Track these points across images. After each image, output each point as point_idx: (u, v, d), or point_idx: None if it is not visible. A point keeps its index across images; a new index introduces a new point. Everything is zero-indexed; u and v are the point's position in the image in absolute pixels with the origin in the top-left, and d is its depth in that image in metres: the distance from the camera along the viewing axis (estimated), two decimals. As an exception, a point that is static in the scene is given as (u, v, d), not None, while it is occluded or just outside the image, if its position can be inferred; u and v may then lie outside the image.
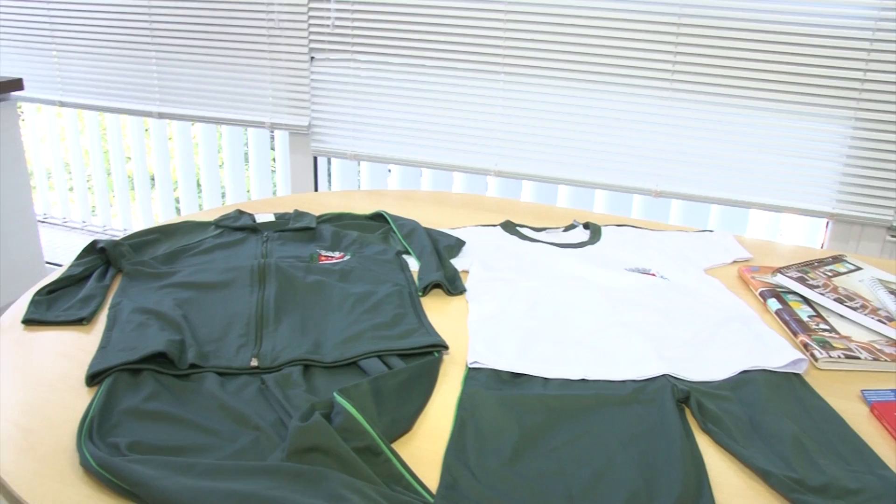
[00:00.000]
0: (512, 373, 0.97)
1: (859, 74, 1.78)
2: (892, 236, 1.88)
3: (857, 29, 1.74)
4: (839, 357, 1.05)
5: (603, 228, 1.44)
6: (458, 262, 1.27)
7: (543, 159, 2.02)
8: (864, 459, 0.86)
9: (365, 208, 1.45)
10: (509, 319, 1.09)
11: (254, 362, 0.97)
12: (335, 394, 0.84)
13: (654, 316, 1.12)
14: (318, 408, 0.83)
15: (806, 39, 1.78)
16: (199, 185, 2.68)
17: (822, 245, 1.97)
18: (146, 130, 2.69)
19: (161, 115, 2.33)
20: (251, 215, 1.40)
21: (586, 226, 1.44)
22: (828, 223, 1.95)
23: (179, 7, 2.19)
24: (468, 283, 1.21)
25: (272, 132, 2.48)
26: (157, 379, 0.92)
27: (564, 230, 1.44)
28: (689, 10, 1.81)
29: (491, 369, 0.97)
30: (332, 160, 2.35)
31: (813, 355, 1.06)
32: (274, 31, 2.11)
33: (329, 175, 2.39)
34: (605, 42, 1.88)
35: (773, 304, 1.20)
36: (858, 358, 1.06)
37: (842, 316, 1.17)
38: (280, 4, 2.07)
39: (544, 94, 1.97)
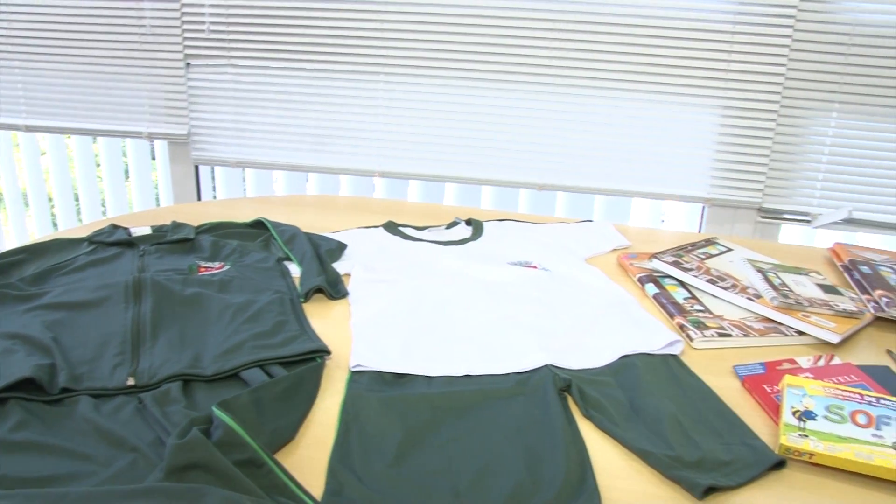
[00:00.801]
0: (395, 373, 0.97)
1: (724, 65, 1.85)
2: (763, 217, 1.97)
3: (720, 22, 1.82)
4: (712, 336, 1.09)
5: (485, 224, 1.46)
6: (340, 266, 1.26)
7: (428, 158, 2.02)
8: (736, 431, 0.90)
9: (251, 216, 1.42)
10: (392, 320, 1.09)
11: (130, 381, 0.94)
12: (214, 407, 0.82)
13: (535, 308, 1.14)
14: (197, 423, 0.80)
15: (675, 32, 1.84)
16: (77, 199, 2.58)
17: (700, 229, 2.05)
18: (17, 145, 2.57)
19: (29, 129, 2.22)
20: (126, 229, 1.35)
21: (468, 222, 1.45)
22: (703, 208, 2.02)
23: (42, 12, 2.09)
24: (350, 286, 1.20)
25: (152, 142, 2.40)
26: (25, 407, 0.88)
27: (447, 228, 1.44)
28: (564, 6, 1.84)
29: (374, 371, 0.97)
30: (217, 169, 2.30)
31: (688, 336, 1.10)
32: (147, 38, 2.04)
33: (213, 184, 2.33)
34: (482, 38, 1.90)
35: (651, 288, 1.23)
36: (730, 335, 1.10)
37: (714, 296, 1.21)
38: (151, 10, 2.01)
39: (426, 92, 1.97)
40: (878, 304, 1.22)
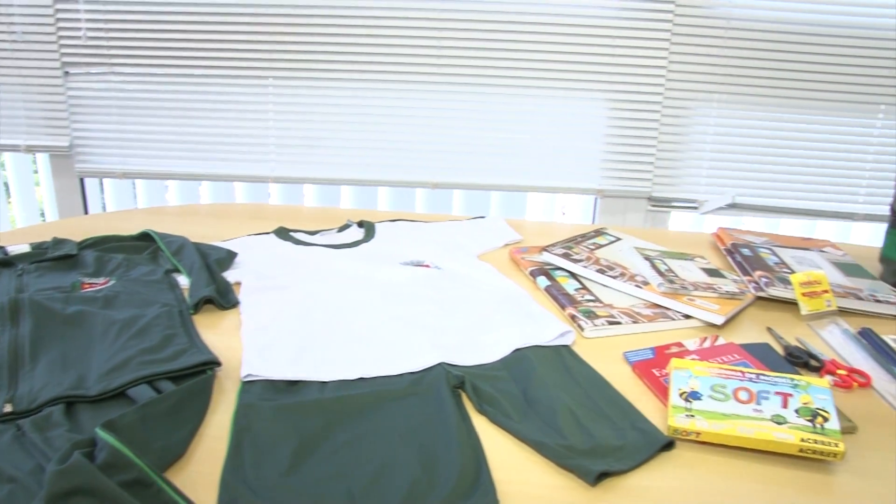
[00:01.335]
0: (288, 381, 0.95)
1: (608, 59, 1.90)
2: (653, 206, 2.03)
3: (603, 18, 1.86)
4: (603, 324, 1.12)
5: (377, 225, 1.45)
6: (230, 275, 1.24)
7: (322, 162, 2.01)
8: (627, 417, 0.92)
9: (142, 228, 1.37)
10: (283, 327, 1.07)
11: (7, 408, 0.89)
12: (97, 429, 0.79)
13: (428, 307, 1.14)
14: (79, 446, 0.77)
15: (560, 28, 1.87)
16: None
17: (593, 220, 2.09)
18: None
19: None
20: (2, 248, 1.29)
21: (360, 224, 1.45)
22: (596, 199, 2.06)
23: None
24: (241, 294, 1.18)
25: (33, 155, 2.31)
26: None
27: (339, 231, 1.43)
28: (452, 5, 1.85)
29: (266, 380, 0.95)
30: (105, 180, 2.22)
31: (580, 326, 1.12)
32: (18, 45, 1.96)
33: (102, 197, 2.25)
34: (370, 39, 1.89)
35: (543, 281, 1.25)
36: (620, 323, 1.13)
37: (604, 285, 1.24)
38: (22, 15, 1.93)
39: (316, 95, 1.95)
40: (758, 285, 1.27)
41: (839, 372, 1.07)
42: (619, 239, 1.41)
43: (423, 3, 1.86)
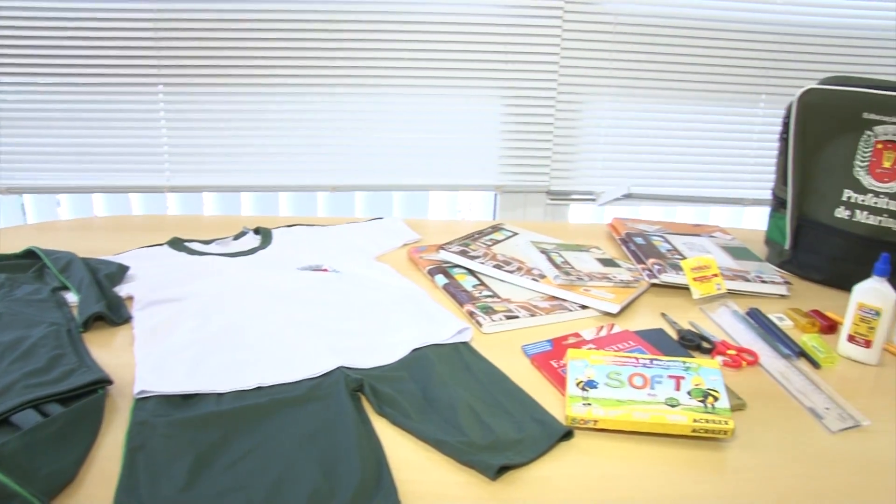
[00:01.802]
0: (183, 395, 0.93)
1: (501, 57, 1.91)
2: (552, 200, 2.06)
3: (495, 16, 1.88)
4: (500, 319, 1.13)
5: (274, 231, 1.43)
6: (122, 289, 1.20)
7: (219, 169, 1.97)
8: (526, 410, 0.93)
9: (30, 245, 1.31)
10: (177, 340, 1.05)
11: None
12: (-24, 460, 0.76)
13: (326, 311, 1.13)
14: (-41, 480, 0.74)
15: (453, 27, 1.88)
16: None
17: (494, 217, 2.11)
18: None
19: None
20: None
21: (257, 231, 1.43)
22: (496, 195, 2.09)
23: None
24: (133, 309, 1.15)
25: None
26: None
27: (235, 239, 1.41)
28: (345, 6, 1.84)
29: (160, 395, 0.93)
30: (-11, 198, 2.13)
31: (478, 322, 1.13)
32: None
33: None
34: (263, 42, 1.85)
35: (441, 279, 1.26)
36: (518, 317, 1.14)
37: (502, 280, 1.25)
38: None
39: (210, 101, 1.91)
40: (652, 272, 1.30)
41: (729, 352, 1.11)
42: (516, 234, 1.43)
43: (316, 4, 1.84)
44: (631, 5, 1.93)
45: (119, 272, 1.23)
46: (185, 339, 1.04)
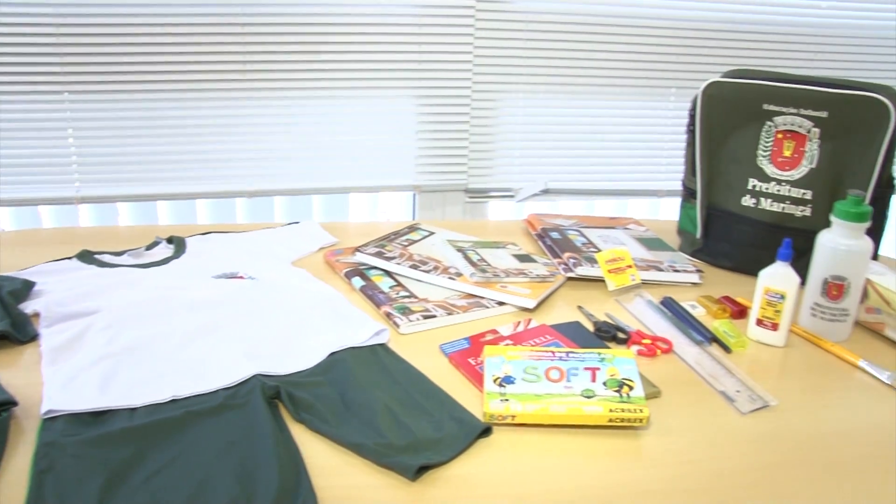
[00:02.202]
0: (94, 412, 0.90)
1: (415, 56, 1.92)
2: (470, 198, 2.07)
3: (407, 15, 1.88)
4: (418, 319, 1.13)
5: (188, 240, 1.40)
6: (27, 306, 1.16)
7: (133, 178, 1.91)
8: (444, 408, 0.93)
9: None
10: (87, 355, 1.01)
11: None
12: None
13: (242, 318, 1.12)
14: None
15: (365, 28, 1.87)
16: None
17: (413, 216, 2.11)
18: None
19: None
20: None
21: (170, 240, 1.39)
22: (414, 195, 2.09)
23: None
24: (40, 326, 1.11)
25: None
26: None
27: (147, 249, 1.38)
28: (255, 9, 1.81)
29: (70, 414, 0.90)
30: None
31: (395, 323, 1.13)
32: None
33: None
34: (173, 48, 1.82)
35: (357, 282, 1.25)
36: (435, 316, 1.14)
37: (419, 280, 1.25)
38: None
39: (119, 108, 1.85)
40: (567, 266, 1.32)
41: (644, 341, 1.13)
42: (432, 233, 1.43)
43: (223, 8, 1.81)
44: (542, 3, 1.96)
45: (24, 288, 1.19)
46: (95, 355, 1.01)
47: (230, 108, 1.89)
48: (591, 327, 1.18)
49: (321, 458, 0.86)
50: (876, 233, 1.32)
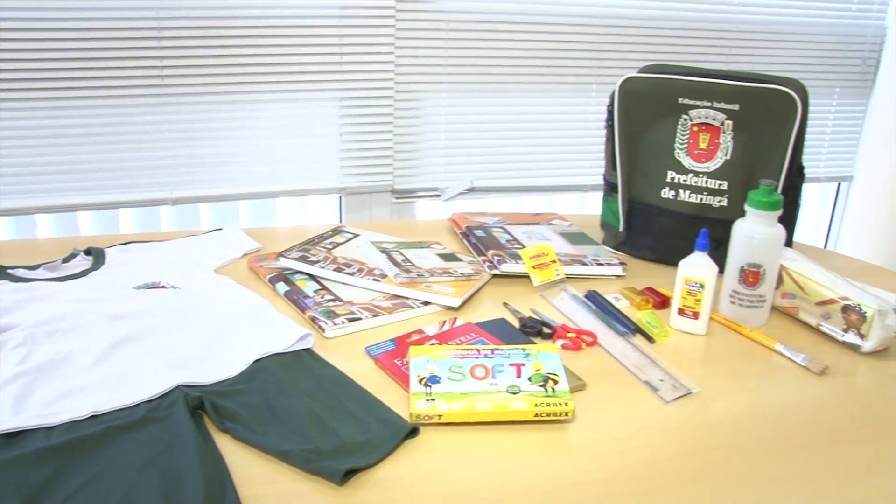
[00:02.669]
0: (7, 434, 0.88)
1: (336, 58, 1.90)
2: (397, 198, 2.07)
3: (327, 17, 1.87)
4: (343, 322, 1.12)
5: (107, 251, 1.37)
6: (-65, 326, 1.12)
7: (52, 189, 1.86)
8: (371, 410, 0.93)
9: None
10: (0, 375, 0.98)
11: None
12: None
13: (164, 329, 1.09)
14: None
15: (285, 30, 1.86)
16: None
17: (340, 219, 2.10)
18: None
19: None
20: None
21: (88, 252, 1.36)
22: (340, 198, 2.08)
23: None
24: (-50, 345, 1.07)
25: None
26: None
27: (64, 261, 1.34)
28: (169, 13, 1.77)
29: (-20, 437, 0.87)
30: None
31: (320, 327, 1.12)
32: None
33: None
34: (87, 53, 1.76)
35: (282, 287, 1.24)
36: (360, 319, 1.14)
37: (344, 283, 1.25)
38: None
39: (35, 115, 1.79)
40: (492, 263, 1.33)
41: (569, 335, 1.15)
42: (356, 235, 1.43)
43: (140, 12, 1.76)
44: (462, 2, 1.96)
45: (-68, 307, 1.15)
46: (8, 374, 0.98)
47: (149, 113, 1.85)
48: (516, 323, 1.19)
49: (247, 467, 0.85)
50: (789, 220, 1.36)
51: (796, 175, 1.35)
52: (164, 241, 1.42)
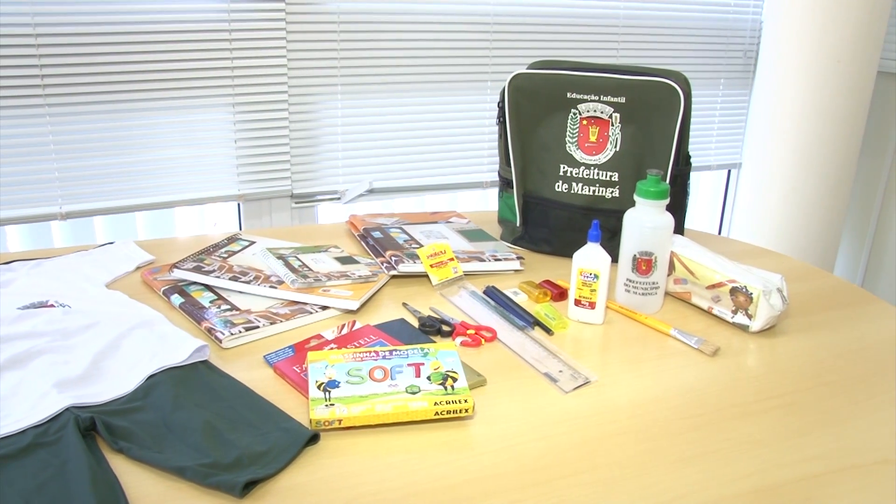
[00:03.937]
0: None
1: (227, 63, 1.87)
2: (297, 203, 2.05)
3: (216, 21, 1.83)
4: (240, 332, 1.11)
5: (-11, 271, 1.31)
6: None
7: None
8: (271, 419, 0.92)
9: None
10: None
11: None
12: None
13: (52, 349, 1.05)
14: None
15: (173, 36, 1.82)
16: None
17: (240, 226, 2.07)
18: None
19: None
20: None
21: (-33, 274, 1.30)
22: (239, 205, 2.04)
23: None
24: None
25: None
26: None
27: (-59, 285, 1.28)
28: (44, 18, 1.71)
29: None
30: None
31: (217, 337, 1.10)
32: None
33: None
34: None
35: (177, 299, 1.21)
36: (258, 327, 1.13)
37: (240, 292, 1.23)
38: None
39: None
40: (390, 264, 1.33)
41: (468, 332, 1.16)
42: (253, 242, 1.41)
43: (14, 18, 1.70)
44: (352, 3, 1.96)
45: None
46: None
47: (31, 125, 1.78)
48: (415, 323, 1.19)
49: (144, 486, 0.83)
50: (678, 208, 1.41)
51: (683, 164, 1.40)
52: (51, 258, 1.37)
